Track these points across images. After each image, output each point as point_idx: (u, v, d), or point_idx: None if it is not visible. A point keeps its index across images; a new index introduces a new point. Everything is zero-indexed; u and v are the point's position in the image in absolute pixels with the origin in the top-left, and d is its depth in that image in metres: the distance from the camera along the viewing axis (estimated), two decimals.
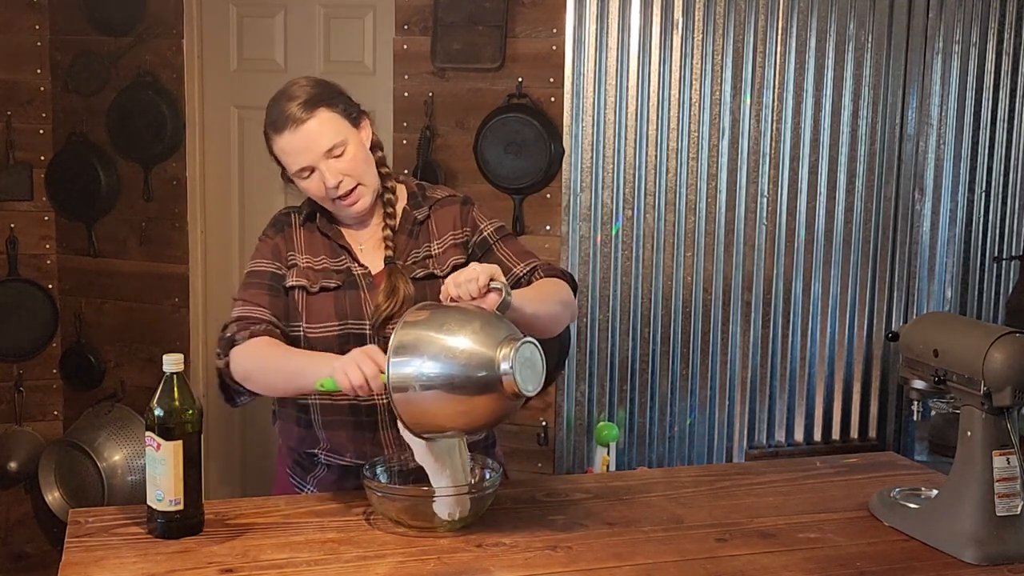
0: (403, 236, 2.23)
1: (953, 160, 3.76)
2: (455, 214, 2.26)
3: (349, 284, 2.18)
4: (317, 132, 2.12)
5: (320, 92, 2.15)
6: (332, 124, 2.13)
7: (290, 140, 2.12)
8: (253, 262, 2.23)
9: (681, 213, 3.56)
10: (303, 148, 2.12)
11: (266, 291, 2.18)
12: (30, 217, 3.96)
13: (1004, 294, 3.84)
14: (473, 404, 1.84)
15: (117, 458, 3.80)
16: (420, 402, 1.84)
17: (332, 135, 2.13)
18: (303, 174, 2.14)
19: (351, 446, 2.18)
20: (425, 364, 1.82)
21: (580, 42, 3.44)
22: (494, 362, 1.81)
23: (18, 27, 3.89)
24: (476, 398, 1.83)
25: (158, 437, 1.86)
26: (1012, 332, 1.87)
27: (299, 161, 2.13)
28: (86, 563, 1.79)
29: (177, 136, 3.83)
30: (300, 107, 2.12)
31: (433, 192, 2.31)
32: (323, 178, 2.12)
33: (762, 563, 1.85)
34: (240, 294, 2.20)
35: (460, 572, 1.79)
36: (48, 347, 4.01)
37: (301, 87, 2.16)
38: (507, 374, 1.81)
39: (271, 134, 2.16)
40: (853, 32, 3.61)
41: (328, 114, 2.13)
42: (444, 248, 2.22)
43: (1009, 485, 1.89)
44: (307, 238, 2.24)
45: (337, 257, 2.21)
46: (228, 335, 2.13)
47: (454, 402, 1.83)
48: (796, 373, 3.72)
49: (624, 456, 3.60)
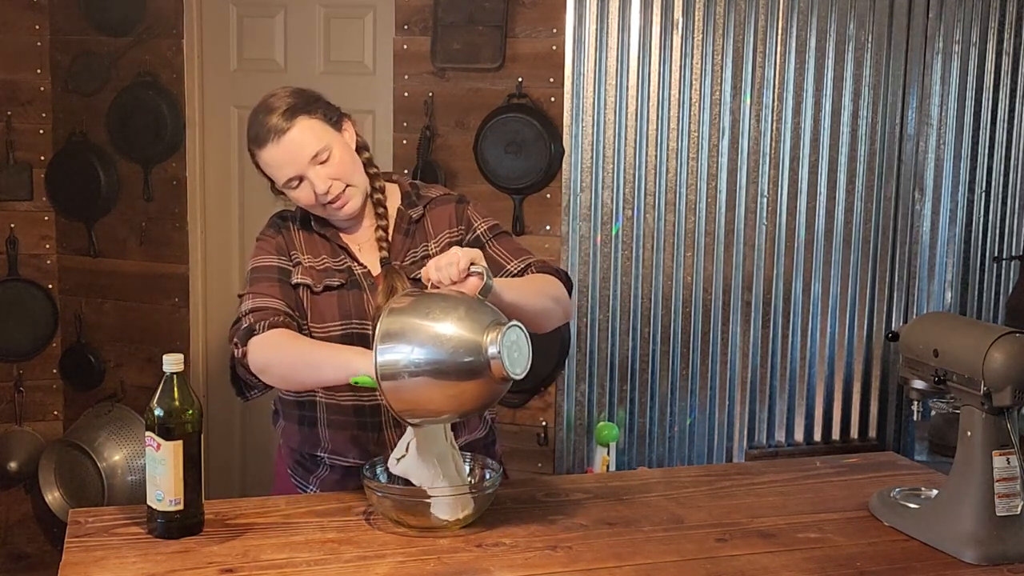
0: (399, 236, 2.23)
1: (953, 160, 3.76)
2: (450, 212, 2.25)
3: (352, 284, 2.18)
4: (300, 141, 2.11)
5: (297, 101, 2.14)
6: (313, 131, 2.12)
7: (274, 153, 2.11)
8: (257, 259, 2.21)
9: (681, 213, 3.56)
10: (288, 159, 2.11)
11: (277, 283, 2.16)
12: (30, 217, 3.96)
13: (1004, 294, 3.84)
14: (461, 389, 1.85)
15: (117, 458, 3.80)
16: (409, 389, 1.84)
17: (315, 142, 2.11)
18: (292, 184, 2.13)
19: (354, 446, 2.18)
20: (413, 352, 1.82)
21: (580, 42, 3.44)
22: (481, 347, 1.82)
23: (18, 27, 3.89)
24: (465, 383, 1.84)
25: (158, 437, 1.86)
26: (1012, 332, 1.87)
27: (286, 172, 2.12)
28: (86, 563, 1.79)
29: (177, 136, 3.83)
30: (279, 118, 2.11)
31: (427, 191, 2.30)
32: (312, 186, 2.11)
33: (762, 563, 1.85)
34: (250, 288, 2.17)
35: (460, 572, 1.79)
36: (48, 347, 4.01)
37: (279, 98, 2.15)
38: (495, 358, 1.81)
39: (254, 149, 2.15)
40: (853, 32, 3.61)
41: (308, 121, 2.12)
42: (441, 247, 2.21)
43: (1009, 485, 1.89)
44: (306, 239, 2.23)
45: (337, 257, 2.21)
46: (246, 325, 2.09)
47: (443, 388, 1.84)
48: (796, 373, 3.72)
49: (624, 456, 3.60)
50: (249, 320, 2.09)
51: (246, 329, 2.08)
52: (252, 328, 2.07)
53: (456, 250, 1.95)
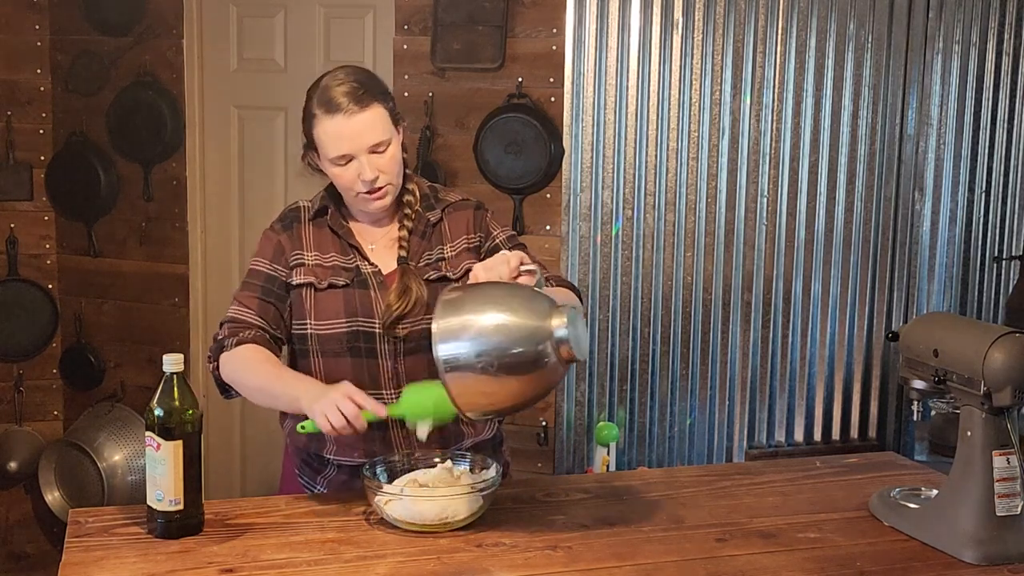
0: (416, 238, 2.23)
1: (953, 160, 3.76)
2: (468, 218, 2.26)
3: (359, 283, 2.18)
4: (369, 124, 2.12)
5: (376, 85, 2.17)
6: (382, 121, 2.14)
7: (341, 125, 2.11)
8: (254, 260, 2.24)
9: (681, 213, 3.56)
10: (352, 136, 2.11)
11: (258, 295, 2.19)
12: (30, 217, 3.96)
13: (1004, 294, 3.84)
14: (528, 377, 1.82)
15: (117, 458, 3.80)
16: (474, 382, 1.80)
17: (381, 131, 2.13)
18: (340, 161, 2.13)
19: (361, 445, 2.18)
20: (476, 342, 1.79)
21: (580, 42, 3.44)
22: (547, 331, 1.79)
23: (18, 27, 3.89)
24: (531, 371, 1.81)
25: (158, 437, 1.86)
26: (1012, 332, 1.87)
27: (342, 147, 2.12)
28: (86, 563, 1.79)
29: (177, 136, 3.84)
30: (357, 95, 2.11)
31: (446, 195, 2.31)
32: (361, 170, 2.12)
33: (762, 563, 1.85)
34: (237, 293, 2.23)
35: (460, 572, 1.79)
36: (48, 347, 4.01)
37: (357, 74, 2.16)
38: (564, 341, 1.80)
39: (319, 114, 2.13)
40: (853, 32, 3.61)
41: (380, 110, 2.14)
42: (457, 252, 2.22)
43: (1009, 485, 1.89)
44: (316, 234, 2.23)
45: (347, 255, 2.21)
46: (219, 338, 2.17)
47: (509, 376, 1.80)
48: (796, 373, 3.71)
49: (624, 456, 3.60)
50: (224, 332, 2.17)
51: (218, 344, 2.17)
52: (222, 344, 2.16)
53: (504, 252, 1.98)
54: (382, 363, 2.17)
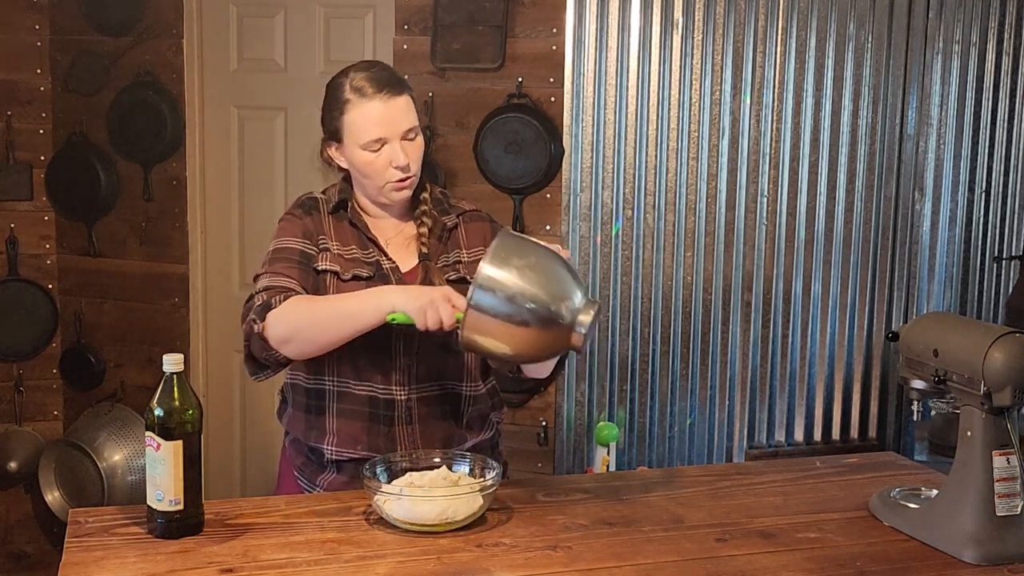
0: (433, 239, 2.24)
1: (953, 160, 3.76)
2: (485, 231, 2.29)
3: (380, 277, 2.18)
4: (405, 110, 2.18)
5: (403, 80, 2.25)
6: (414, 110, 2.21)
7: (378, 108, 2.15)
8: (280, 240, 2.19)
9: (681, 213, 3.56)
10: (389, 120, 2.15)
11: (296, 266, 2.14)
12: (30, 217, 3.96)
13: (1004, 294, 3.84)
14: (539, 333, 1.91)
15: (117, 458, 3.80)
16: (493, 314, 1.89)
17: (414, 119, 2.20)
18: (374, 146, 2.15)
19: (364, 438, 2.18)
20: (521, 278, 1.88)
21: (580, 42, 3.44)
22: (576, 311, 1.91)
23: (18, 27, 3.89)
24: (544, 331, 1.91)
25: (158, 437, 1.86)
26: (1012, 332, 1.87)
27: (378, 131, 2.15)
28: (86, 563, 1.79)
29: (177, 136, 3.84)
30: (392, 83, 2.18)
31: (458, 202, 2.34)
32: (394, 155, 2.15)
33: (762, 563, 1.85)
34: (268, 268, 2.15)
35: (460, 572, 1.79)
36: (48, 347, 4.01)
37: (389, 68, 2.26)
38: (580, 333, 1.91)
39: (353, 99, 2.16)
40: (853, 32, 3.61)
41: (409, 99, 2.21)
42: (473, 259, 2.22)
43: (1009, 485, 1.89)
44: (336, 226, 2.23)
45: (366, 249, 2.21)
46: (261, 302, 2.07)
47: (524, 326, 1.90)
48: (796, 373, 3.71)
49: (624, 456, 3.60)
50: (263, 297, 2.08)
51: (262, 304, 2.07)
52: (268, 303, 2.06)
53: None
54: (397, 361, 2.18)
